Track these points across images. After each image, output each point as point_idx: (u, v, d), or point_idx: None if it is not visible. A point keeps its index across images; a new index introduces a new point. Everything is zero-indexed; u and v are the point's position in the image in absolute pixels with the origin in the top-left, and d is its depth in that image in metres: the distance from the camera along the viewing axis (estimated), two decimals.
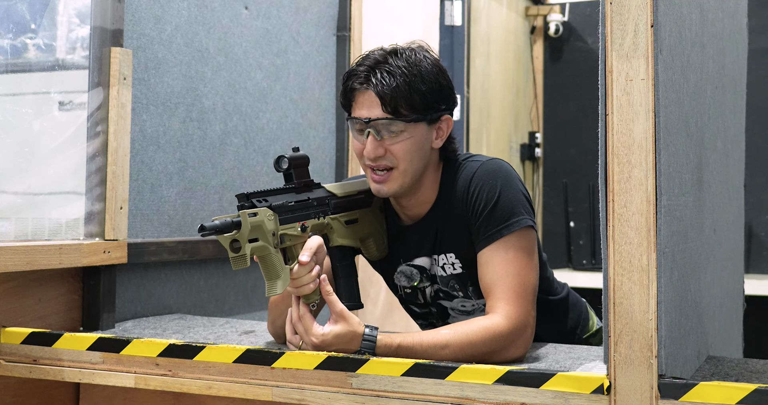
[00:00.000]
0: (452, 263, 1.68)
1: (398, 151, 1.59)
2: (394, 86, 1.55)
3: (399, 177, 1.61)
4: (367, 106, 1.58)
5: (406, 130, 1.58)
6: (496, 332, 1.48)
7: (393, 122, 1.57)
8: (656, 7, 1.26)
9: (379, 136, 1.58)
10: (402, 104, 1.56)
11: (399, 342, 1.46)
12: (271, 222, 1.46)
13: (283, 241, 1.50)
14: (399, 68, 1.56)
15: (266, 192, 1.51)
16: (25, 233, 1.87)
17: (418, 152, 1.61)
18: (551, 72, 4.67)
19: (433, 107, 1.60)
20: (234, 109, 2.37)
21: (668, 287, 1.28)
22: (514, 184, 1.62)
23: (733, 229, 1.95)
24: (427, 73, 1.58)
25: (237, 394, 1.51)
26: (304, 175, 1.61)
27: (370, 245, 1.72)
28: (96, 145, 1.90)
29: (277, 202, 1.50)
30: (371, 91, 1.57)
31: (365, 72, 1.59)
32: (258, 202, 1.47)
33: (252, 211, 1.43)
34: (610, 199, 1.28)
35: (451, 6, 3.60)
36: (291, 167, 1.58)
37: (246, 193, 1.47)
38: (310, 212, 1.58)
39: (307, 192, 1.60)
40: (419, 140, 1.60)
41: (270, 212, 1.46)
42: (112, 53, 1.91)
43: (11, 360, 1.69)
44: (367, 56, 1.62)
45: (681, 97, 1.38)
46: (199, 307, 2.26)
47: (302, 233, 1.54)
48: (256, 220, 1.43)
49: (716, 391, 1.22)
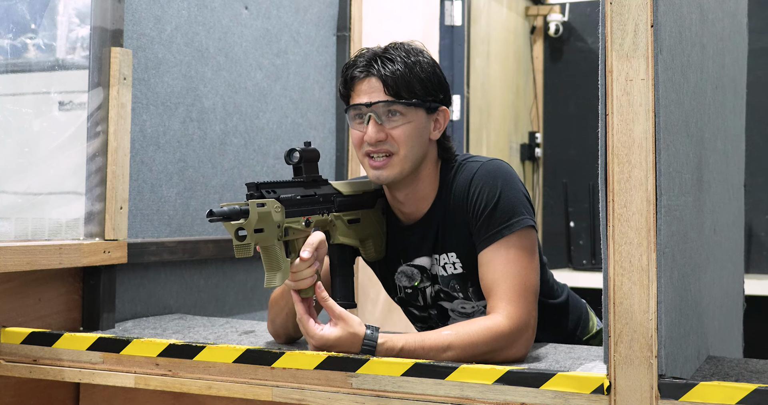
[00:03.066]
0: (453, 263, 1.68)
1: (399, 136, 1.60)
2: (395, 70, 1.59)
3: (398, 163, 1.62)
4: (368, 92, 1.61)
5: (406, 114, 1.61)
6: (498, 332, 1.48)
7: (394, 104, 1.59)
8: (656, 7, 1.26)
9: (380, 120, 1.60)
10: (403, 88, 1.59)
11: (402, 345, 1.46)
12: (278, 214, 1.46)
13: (287, 233, 1.50)
14: (399, 56, 1.62)
15: (276, 183, 1.52)
16: (25, 233, 1.87)
17: (417, 139, 1.63)
18: (551, 72, 4.67)
19: (431, 95, 1.63)
20: (234, 109, 2.37)
21: (668, 287, 1.28)
22: (515, 184, 1.62)
23: (733, 229, 1.95)
24: (425, 64, 1.64)
25: (237, 394, 1.51)
26: (314, 170, 1.61)
27: (368, 246, 1.72)
28: (96, 145, 1.90)
29: (286, 195, 1.51)
30: (372, 77, 1.61)
31: (365, 62, 1.63)
32: (267, 192, 1.48)
33: (261, 202, 1.44)
34: (610, 199, 1.28)
35: (451, 6, 3.60)
36: (302, 161, 1.59)
37: (256, 182, 1.48)
38: (316, 208, 1.59)
39: (315, 187, 1.61)
40: (419, 126, 1.62)
41: (278, 204, 1.47)
42: (112, 53, 1.91)
43: (11, 360, 1.69)
44: (365, 50, 1.67)
45: (681, 97, 1.38)
46: (199, 307, 2.26)
47: (306, 228, 1.54)
48: (264, 210, 1.43)
49: (716, 391, 1.22)
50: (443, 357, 1.46)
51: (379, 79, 1.60)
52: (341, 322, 1.46)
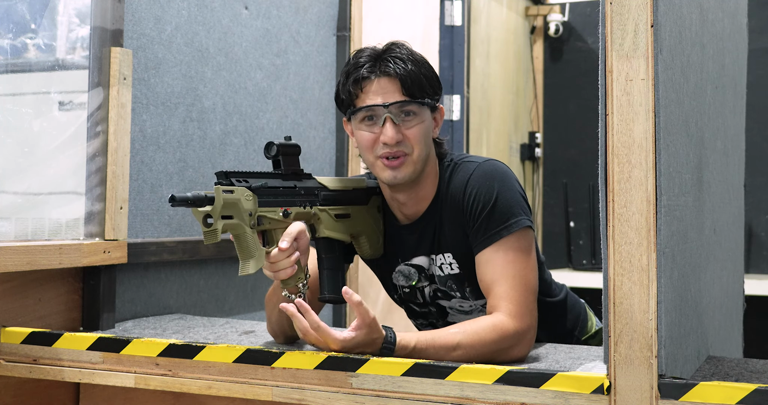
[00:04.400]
0: (449, 263, 1.68)
1: (414, 136, 1.60)
2: (410, 69, 1.59)
3: (412, 163, 1.61)
4: (381, 92, 1.59)
5: (419, 114, 1.61)
6: (504, 330, 1.49)
7: (410, 104, 1.59)
8: (656, 7, 1.26)
9: (397, 121, 1.59)
10: (417, 87, 1.59)
11: (414, 344, 1.45)
12: (249, 202, 1.47)
13: (261, 222, 1.50)
14: (405, 55, 1.61)
15: (248, 173, 1.52)
16: (25, 233, 1.87)
17: (427, 139, 1.64)
18: (551, 72, 4.67)
19: (437, 93, 1.64)
20: (234, 109, 2.37)
21: (668, 287, 1.28)
22: (511, 184, 1.62)
23: (733, 229, 1.95)
24: (427, 62, 1.65)
25: (237, 394, 1.51)
26: (294, 164, 1.61)
27: (363, 243, 1.71)
28: (96, 145, 1.90)
29: (257, 184, 1.50)
30: (385, 77, 1.59)
31: (371, 62, 1.60)
32: (238, 181, 1.48)
33: (228, 189, 1.44)
34: (610, 199, 1.28)
35: (451, 6, 3.60)
36: (279, 154, 1.59)
37: (225, 171, 1.48)
38: (296, 200, 1.58)
39: (295, 180, 1.60)
40: (428, 126, 1.64)
41: (248, 192, 1.47)
42: (112, 53, 1.91)
43: (11, 360, 1.69)
44: (362, 50, 1.64)
45: (681, 97, 1.38)
46: (199, 307, 2.26)
47: (284, 219, 1.54)
48: (232, 197, 1.44)
49: (716, 391, 1.22)
50: (452, 355, 1.46)
51: (395, 78, 1.58)
52: (366, 327, 1.42)
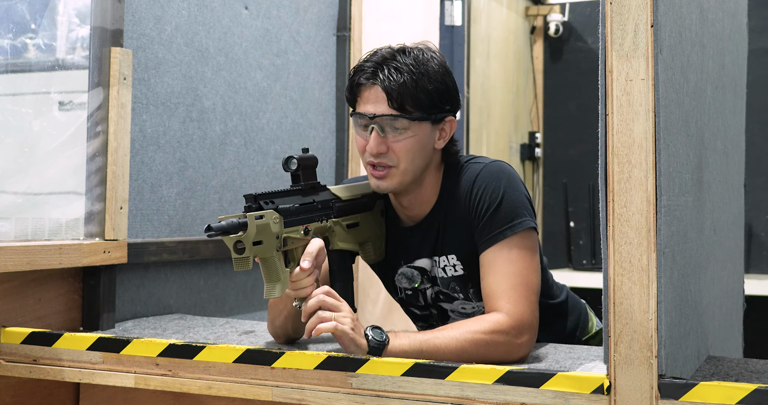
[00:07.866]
0: (453, 265, 1.68)
1: (400, 150, 1.58)
2: (402, 82, 1.55)
3: (398, 175, 1.60)
4: (373, 101, 1.58)
5: (410, 128, 1.58)
6: (497, 323, 1.49)
7: (398, 119, 1.56)
8: (656, 7, 1.26)
9: (383, 133, 1.57)
10: (408, 101, 1.56)
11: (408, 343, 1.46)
12: (276, 225, 1.46)
13: (286, 244, 1.50)
14: (407, 65, 1.57)
15: (274, 194, 1.50)
16: (25, 233, 1.87)
17: (420, 152, 1.61)
18: (551, 72, 4.67)
19: (438, 107, 1.60)
20: (234, 109, 2.37)
21: (668, 287, 1.28)
22: (517, 186, 1.62)
23: (733, 229, 1.95)
24: (434, 73, 1.59)
25: (237, 394, 1.50)
26: (312, 177, 1.60)
27: (368, 249, 1.72)
28: (96, 145, 1.90)
29: (284, 205, 1.49)
30: (378, 86, 1.57)
31: (372, 68, 1.58)
32: (265, 203, 1.47)
33: (259, 214, 1.43)
34: (610, 199, 1.28)
35: (451, 6, 3.60)
36: (300, 168, 1.57)
37: (254, 194, 1.46)
38: (314, 215, 1.57)
39: (313, 194, 1.59)
40: (422, 140, 1.60)
41: (276, 215, 1.46)
42: (112, 53, 1.91)
43: (11, 360, 1.69)
44: (375, 53, 1.62)
45: (681, 97, 1.38)
46: (199, 307, 2.26)
47: (305, 236, 1.54)
48: (262, 222, 1.42)
49: (716, 391, 1.22)
50: (446, 351, 1.45)
51: (384, 90, 1.56)
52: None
